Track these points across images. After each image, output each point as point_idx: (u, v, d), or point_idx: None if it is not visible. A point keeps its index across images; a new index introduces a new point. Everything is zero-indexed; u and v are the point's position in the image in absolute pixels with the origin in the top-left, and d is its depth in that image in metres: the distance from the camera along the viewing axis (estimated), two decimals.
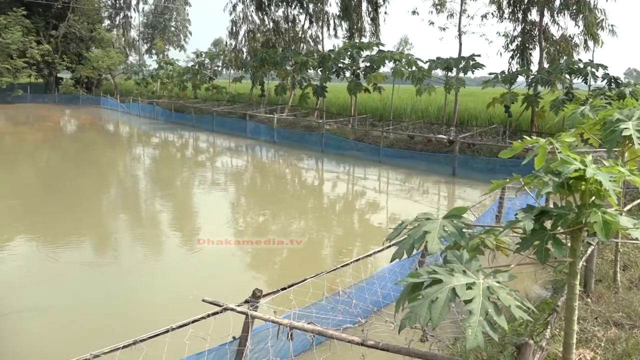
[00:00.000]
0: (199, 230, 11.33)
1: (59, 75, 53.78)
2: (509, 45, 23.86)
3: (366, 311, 4.75)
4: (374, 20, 32.20)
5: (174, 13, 77.11)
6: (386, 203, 14.69)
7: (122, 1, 68.73)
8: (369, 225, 12.27)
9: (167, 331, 2.76)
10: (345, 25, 33.01)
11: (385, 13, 33.60)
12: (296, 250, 10.04)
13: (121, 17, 70.67)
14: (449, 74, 22.92)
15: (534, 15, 23.05)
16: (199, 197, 14.90)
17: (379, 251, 4.85)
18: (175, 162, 22.07)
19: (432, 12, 25.56)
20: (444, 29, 26.15)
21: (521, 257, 3.00)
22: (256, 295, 3.31)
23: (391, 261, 3.22)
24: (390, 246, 4.69)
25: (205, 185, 16.47)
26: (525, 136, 3.17)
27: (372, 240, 10.94)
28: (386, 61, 24.28)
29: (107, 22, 65.84)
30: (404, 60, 23.44)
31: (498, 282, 2.54)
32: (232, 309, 3.14)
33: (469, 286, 2.50)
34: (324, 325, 3.64)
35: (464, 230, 3.02)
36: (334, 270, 4.48)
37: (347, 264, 4.49)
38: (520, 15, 23.40)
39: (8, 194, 14.32)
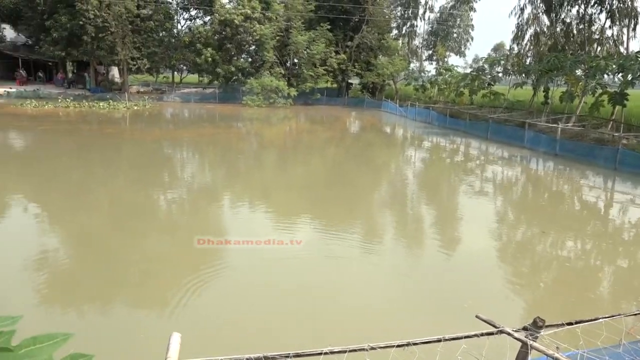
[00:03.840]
0: (459, 238, 11.09)
1: (349, 81, 60.54)
2: None
3: None
4: None
5: (458, 20, 77.59)
6: None
7: (410, 11, 72.73)
8: None
9: (439, 340, 2.70)
10: None
11: None
12: (578, 279, 8.85)
13: (407, 26, 74.93)
14: None
15: None
16: (463, 204, 14.58)
17: None
18: (444, 166, 22.18)
19: None
20: None
21: None
22: (537, 325, 2.96)
23: None
24: None
25: (472, 193, 16.02)
26: None
27: None
28: None
29: (394, 31, 70.72)
30: None
31: None
32: (508, 333, 2.88)
33: None
34: None
35: None
36: (637, 314, 3.69)
37: None
38: None
39: (300, 184, 16.92)
